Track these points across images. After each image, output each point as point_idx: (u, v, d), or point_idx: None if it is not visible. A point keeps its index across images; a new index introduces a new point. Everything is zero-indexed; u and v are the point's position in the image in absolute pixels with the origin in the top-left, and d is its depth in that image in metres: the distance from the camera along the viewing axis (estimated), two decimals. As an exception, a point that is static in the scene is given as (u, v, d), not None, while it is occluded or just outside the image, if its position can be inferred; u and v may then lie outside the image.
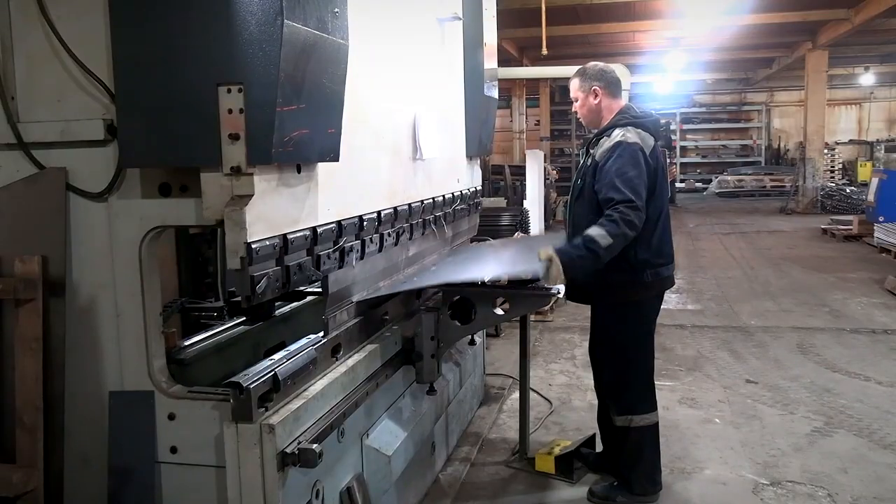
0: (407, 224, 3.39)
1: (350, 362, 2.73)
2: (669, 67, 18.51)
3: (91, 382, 2.45)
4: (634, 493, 3.41)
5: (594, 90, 3.36)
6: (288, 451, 2.20)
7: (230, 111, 2.08)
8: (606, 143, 3.23)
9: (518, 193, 12.19)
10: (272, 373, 2.26)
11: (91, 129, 2.36)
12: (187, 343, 2.91)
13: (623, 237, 3.03)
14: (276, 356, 2.44)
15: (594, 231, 3.03)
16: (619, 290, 3.28)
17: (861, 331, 6.49)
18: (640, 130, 3.23)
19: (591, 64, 3.46)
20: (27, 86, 2.42)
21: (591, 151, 3.33)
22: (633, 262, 3.21)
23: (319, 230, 2.52)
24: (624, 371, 3.39)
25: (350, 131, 2.60)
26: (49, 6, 2.35)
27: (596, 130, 3.42)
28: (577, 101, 3.44)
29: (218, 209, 2.14)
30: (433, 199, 3.77)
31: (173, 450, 2.39)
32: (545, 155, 12.57)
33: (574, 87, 3.44)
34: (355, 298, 2.96)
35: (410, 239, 3.47)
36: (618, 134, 3.22)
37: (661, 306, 3.47)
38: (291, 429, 2.25)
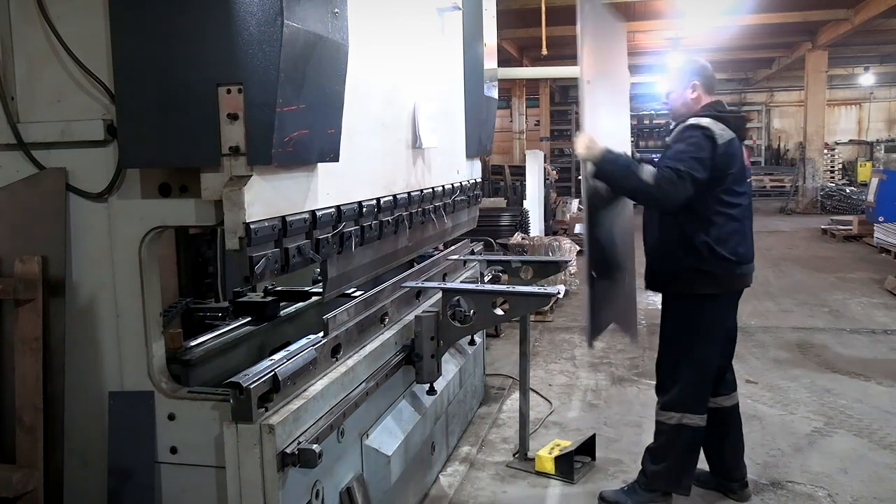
0: (406, 213, 3.38)
1: (350, 362, 2.72)
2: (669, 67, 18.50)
3: (91, 382, 2.46)
4: (651, 489, 3.28)
5: (693, 84, 3.29)
6: (288, 451, 2.19)
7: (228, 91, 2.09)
8: (679, 128, 3.22)
9: (518, 194, 12.20)
10: (272, 373, 2.25)
11: (91, 129, 2.36)
12: (193, 344, 2.92)
13: (657, 190, 3.01)
14: (276, 356, 2.44)
15: (646, 166, 3.07)
16: (689, 279, 3.17)
17: (861, 331, 6.49)
18: (717, 122, 3.16)
19: (690, 57, 3.43)
20: (27, 86, 2.42)
21: (668, 140, 3.30)
22: (708, 255, 3.12)
23: (319, 213, 2.52)
24: (682, 366, 3.25)
25: (349, 116, 2.59)
26: (49, 6, 2.35)
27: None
28: (671, 92, 3.37)
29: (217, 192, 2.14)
30: (433, 188, 3.77)
31: (173, 450, 2.39)
32: (545, 155, 12.58)
33: (671, 78, 3.42)
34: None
35: (410, 228, 3.46)
36: (692, 120, 3.18)
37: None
38: (291, 429, 2.25)
